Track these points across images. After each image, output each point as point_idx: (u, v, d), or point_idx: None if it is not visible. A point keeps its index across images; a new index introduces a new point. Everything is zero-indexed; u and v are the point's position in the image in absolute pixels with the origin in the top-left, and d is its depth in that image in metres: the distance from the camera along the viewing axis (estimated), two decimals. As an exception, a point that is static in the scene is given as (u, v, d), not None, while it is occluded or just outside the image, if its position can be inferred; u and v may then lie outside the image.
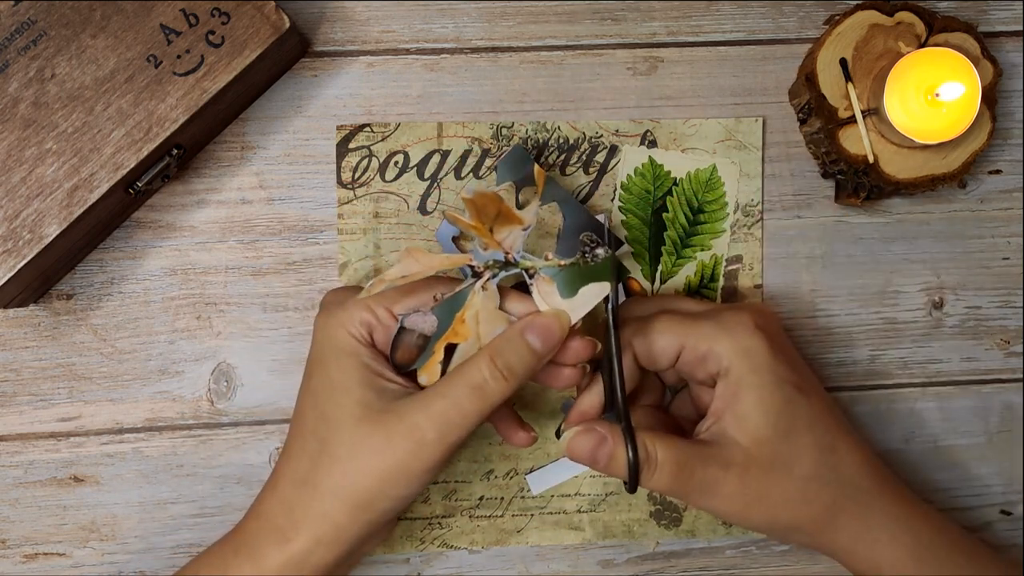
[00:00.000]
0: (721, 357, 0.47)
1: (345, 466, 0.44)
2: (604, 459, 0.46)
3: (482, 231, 0.47)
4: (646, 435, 0.46)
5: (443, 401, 0.44)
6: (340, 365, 0.46)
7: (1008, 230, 0.58)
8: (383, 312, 0.47)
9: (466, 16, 0.56)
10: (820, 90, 0.54)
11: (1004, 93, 0.58)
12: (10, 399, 0.54)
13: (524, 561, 0.57)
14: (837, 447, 0.48)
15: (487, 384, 0.45)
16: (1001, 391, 0.59)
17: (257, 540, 0.46)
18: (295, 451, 0.47)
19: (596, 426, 0.47)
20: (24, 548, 0.54)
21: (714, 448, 0.47)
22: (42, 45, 0.47)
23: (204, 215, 0.55)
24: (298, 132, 0.55)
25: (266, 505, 0.47)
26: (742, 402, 0.47)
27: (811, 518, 0.48)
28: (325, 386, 0.46)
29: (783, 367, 0.48)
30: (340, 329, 0.46)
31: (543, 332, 0.46)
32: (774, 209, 0.57)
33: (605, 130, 0.56)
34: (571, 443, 0.47)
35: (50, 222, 0.47)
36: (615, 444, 0.46)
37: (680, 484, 0.46)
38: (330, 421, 0.45)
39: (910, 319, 0.58)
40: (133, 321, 0.54)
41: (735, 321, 0.48)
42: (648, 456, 0.46)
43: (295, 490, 0.46)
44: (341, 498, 0.44)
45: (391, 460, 0.44)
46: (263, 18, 0.49)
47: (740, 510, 0.47)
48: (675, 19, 0.56)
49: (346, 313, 0.47)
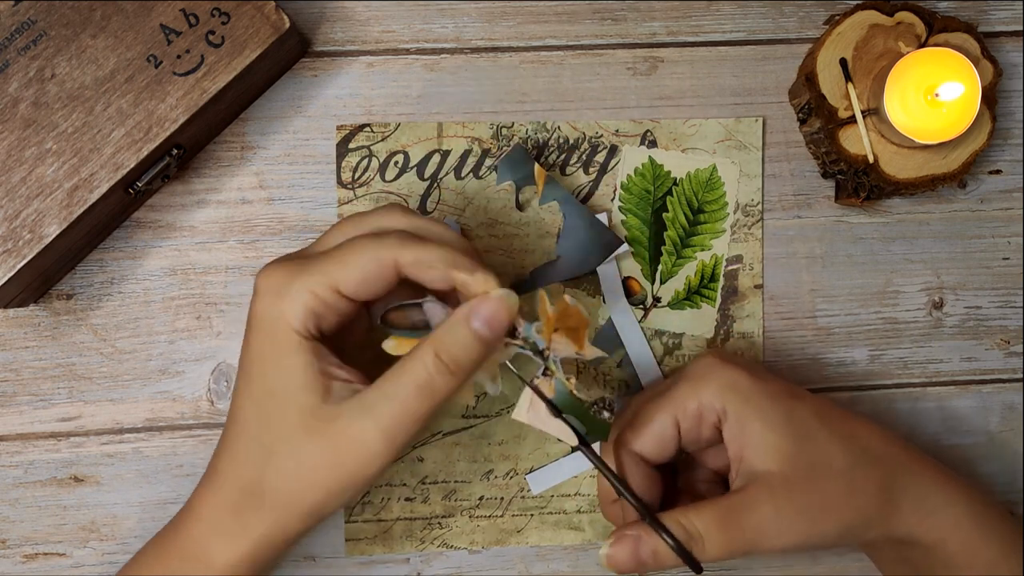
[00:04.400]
0: (713, 402, 0.47)
1: (292, 481, 0.43)
2: (649, 557, 0.45)
3: (549, 325, 0.44)
4: (677, 513, 0.45)
5: (390, 404, 0.41)
6: (281, 369, 0.42)
7: (1008, 230, 0.58)
8: (329, 294, 0.42)
9: (466, 16, 0.56)
10: (820, 90, 0.54)
11: (1004, 93, 0.58)
12: (10, 399, 0.54)
13: (524, 561, 0.57)
14: (856, 433, 0.48)
15: (433, 380, 0.41)
16: (1001, 391, 0.59)
17: (204, 543, 0.44)
18: (239, 455, 0.44)
19: (624, 530, 0.45)
20: (24, 548, 0.54)
21: (751, 489, 0.46)
22: (42, 45, 0.47)
23: (204, 215, 0.55)
24: (298, 132, 0.55)
25: (210, 508, 0.45)
26: (752, 432, 0.47)
27: (874, 503, 0.47)
28: (266, 393, 0.43)
29: (767, 384, 0.48)
30: (282, 324, 0.42)
31: (489, 317, 0.42)
32: (774, 209, 0.57)
33: (605, 130, 0.56)
34: (609, 556, 0.45)
35: (50, 222, 0.47)
36: (651, 538, 0.45)
37: (736, 540, 0.45)
38: (274, 430, 0.43)
39: (910, 319, 0.58)
40: (133, 321, 0.54)
41: (703, 367, 0.48)
42: (687, 532, 0.45)
43: (242, 496, 0.44)
44: (288, 507, 0.43)
45: (340, 473, 0.42)
46: (263, 18, 0.49)
47: (809, 529, 0.46)
48: (675, 19, 0.56)
49: (288, 304, 0.42)
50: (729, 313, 0.57)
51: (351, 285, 0.42)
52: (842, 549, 0.58)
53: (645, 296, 0.56)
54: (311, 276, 0.42)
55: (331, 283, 0.42)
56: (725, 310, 0.57)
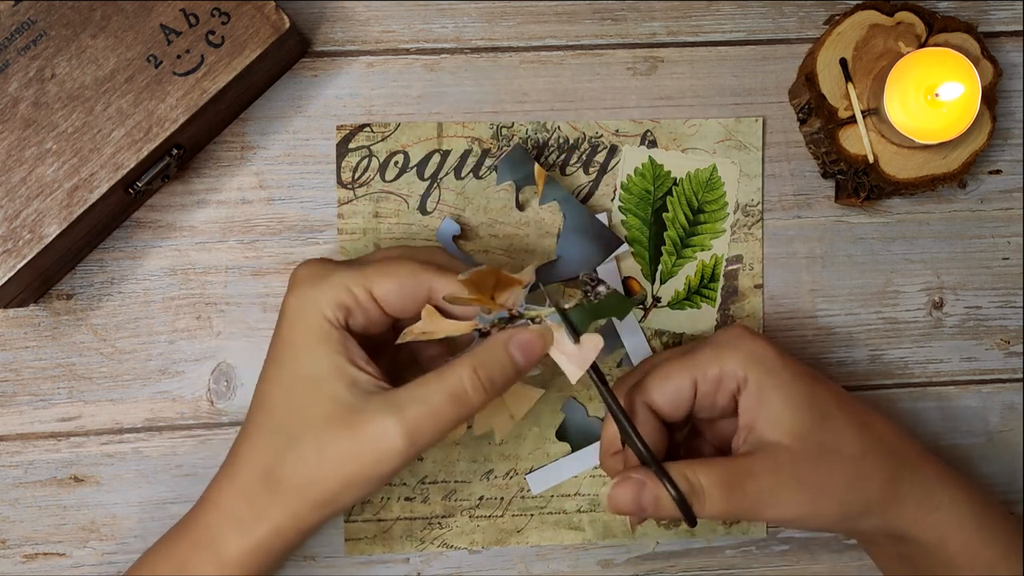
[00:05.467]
0: (736, 370, 0.47)
1: (312, 468, 0.43)
2: (650, 503, 0.45)
3: (484, 301, 0.45)
4: (683, 465, 0.45)
5: (419, 407, 0.43)
6: (312, 355, 0.44)
7: (1008, 230, 0.58)
8: (363, 294, 0.44)
9: (466, 16, 0.56)
10: (820, 90, 0.54)
11: (1004, 93, 0.58)
12: (10, 399, 0.54)
13: (524, 561, 0.57)
14: (872, 423, 0.48)
15: (467, 395, 0.43)
16: (1001, 391, 0.59)
17: (218, 532, 0.45)
18: (260, 442, 0.45)
19: (631, 473, 0.45)
20: (24, 548, 0.54)
21: (758, 457, 0.46)
22: (42, 45, 0.47)
23: (204, 215, 0.55)
24: (298, 132, 0.55)
25: (226, 496, 0.46)
26: (770, 404, 0.47)
27: (877, 494, 0.47)
28: (297, 378, 0.44)
29: (792, 362, 0.48)
30: (314, 312, 0.44)
31: (526, 347, 0.44)
32: (774, 209, 0.57)
33: (605, 130, 0.56)
34: (611, 496, 0.45)
35: (50, 222, 0.47)
36: (655, 485, 0.45)
37: (736, 503, 0.45)
38: (301, 418, 0.44)
39: (910, 319, 0.58)
40: (133, 321, 0.54)
41: (730, 336, 0.49)
42: (691, 486, 0.45)
43: (259, 484, 0.45)
44: (304, 495, 0.44)
45: (357, 467, 0.43)
46: (263, 18, 0.49)
47: (809, 508, 0.46)
48: (675, 19, 0.56)
49: (322, 293, 0.44)
50: (729, 313, 0.57)
51: (385, 291, 0.45)
52: (842, 549, 0.58)
53: (645, 296, 0.56)
54: (348, 273, 0.45)
55: (367, 283, 0.45)
56: (725, 310, 0.57)
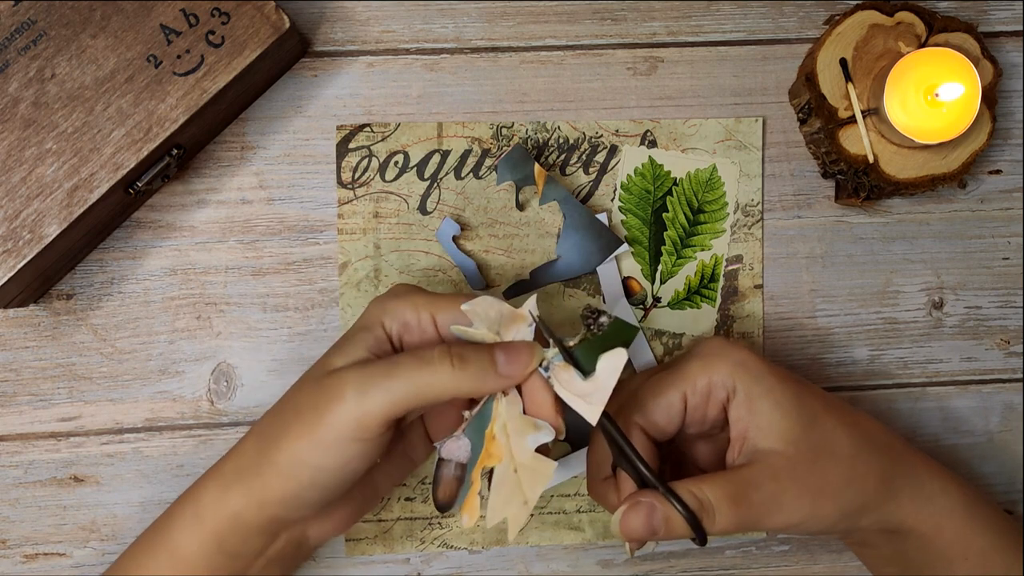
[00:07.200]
0: (724, 380, 0.47)
1: (283, 451, 0.44)
2: (661, 525, 0.45)
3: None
4: (688, 483, 0.45)
5: (379, 363, 0.43)
6: (355, 340, 0.45)
7: (1008, 230, 0.58)
8: (426, 317, 0.45)
9: (466, 16, 0.56)
10: (820, 90, 0.54)
11: (1004, 93, 0.58)
12: (10, 399, 0.54)
13: (524, 561, 0.57)
14: (859, 421, 0.49)
15: (432, 359, 0.42)
16: (1001, 391, 0.59)
17: (173, 527, 0.47)
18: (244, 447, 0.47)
19: (639, 497, 0.45)
20: (24, 548, 0.54)
21: (756, 467, 0.46)
22: (42, 45, 0.47)
23: (204, 215, 0.55)
24: (298, 132, 0.55)
25: (197, 488, 0.47)
26: (760, 412, 0.47)
27: (873, 490, 0.48)
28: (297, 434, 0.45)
29: (775, 368, 0.48)
30: (379, 313, 0.46)
31: (510, 352, 0.44)
32: (774, 209, 0.57)
33: (605, 130, 0.56)
34: (624, 523, 0.45)
35: (50, 222, 0.47)
36: (665, 507, 0.45)
37: (744, 515, 0.45)
38: (293, 403, 0.45)
39: (910, 319, 0.58)
40: (133, 321, 0.54)
41: (714, 346, 0.49)
42: (700, 503, 0.45)
43: (234, 475, 0.46)
44: (273, 467, 0.44)
45: (317, 417, 0.43)
46: (263, 18, 0.49)
47: (810, 511, 0.46)
48: (675, 19, 0.56)
49: (394, 304, 0.46)
50: (729, 313, 0.57)
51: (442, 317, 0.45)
52: (841, 549, 0.58)
53: (645, 296, 0.56)
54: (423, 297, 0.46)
55: (431, 308, 0.45)
56: (725, 310, 0.57)
